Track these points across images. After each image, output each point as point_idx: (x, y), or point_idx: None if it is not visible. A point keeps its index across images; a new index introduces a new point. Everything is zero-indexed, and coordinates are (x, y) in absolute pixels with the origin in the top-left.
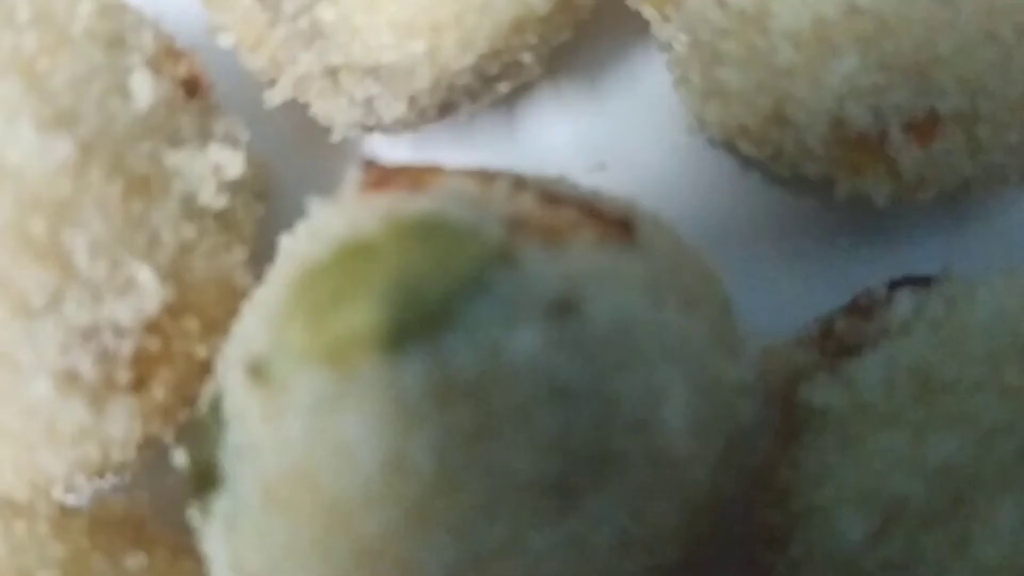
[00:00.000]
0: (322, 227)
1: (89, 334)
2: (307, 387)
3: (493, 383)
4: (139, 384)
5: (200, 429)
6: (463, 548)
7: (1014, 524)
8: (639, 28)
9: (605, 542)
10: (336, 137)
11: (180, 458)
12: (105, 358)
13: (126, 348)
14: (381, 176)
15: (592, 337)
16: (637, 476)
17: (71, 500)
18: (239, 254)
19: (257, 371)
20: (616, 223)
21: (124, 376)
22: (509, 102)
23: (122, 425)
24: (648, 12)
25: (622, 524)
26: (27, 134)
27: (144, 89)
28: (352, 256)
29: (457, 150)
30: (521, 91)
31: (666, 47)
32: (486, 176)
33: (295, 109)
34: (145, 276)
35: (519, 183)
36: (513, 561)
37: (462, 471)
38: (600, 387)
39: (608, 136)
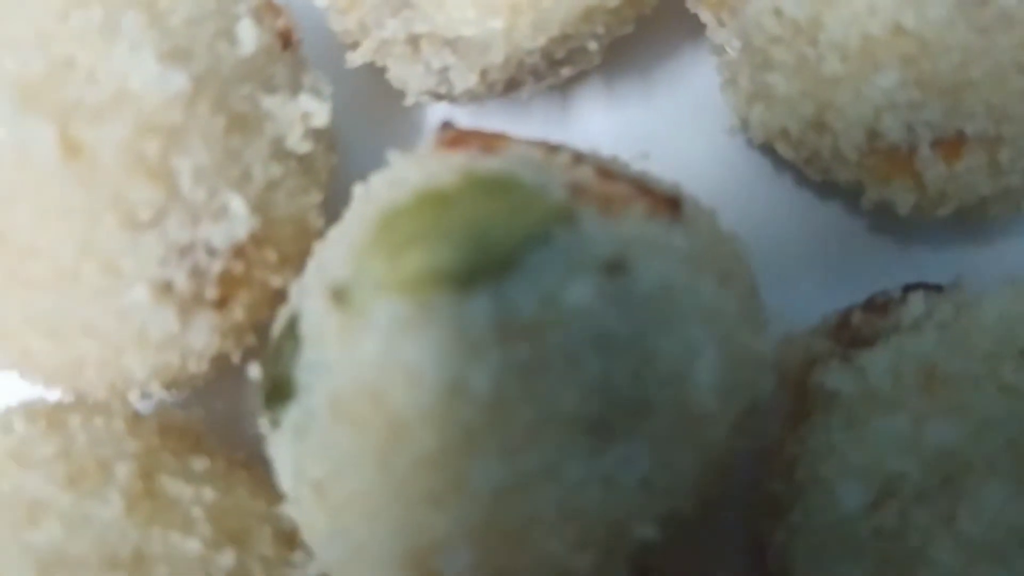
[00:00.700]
0: (402, 176)
1: (185, 251)
2: (383, 313)
3: (548, 326)
4: (222, 302)
5: (276, 347)
6: (508, 469)
7: (997, 505)
8: (694, 30)
9: (630, 482)
10: (408, 102)
11: (255, 372)
12: (197, 274)
13: (215, 268)
14: (457, 137)
15: (638, 296)
16: (665, 426)
17: (140, 407)
18: (315, 197)
19: (339, 296)
20: (665, 200)
21: (211, 293)
22: (564, 87)
23: (203, 338)
24: (705, 16)
25: (647, 468)
26: (149, 64)
27: (249, 36)
28: (430, 202)
29: (511, 126)
30: (577, 78)
31: (718, 50)
32: (550, 147)
33: (371, 72)
34: (237, 205)
35: (578, 157)
36: (550, 488)
37: (514, 401)
38: (640, 341)
39: (653, 128)
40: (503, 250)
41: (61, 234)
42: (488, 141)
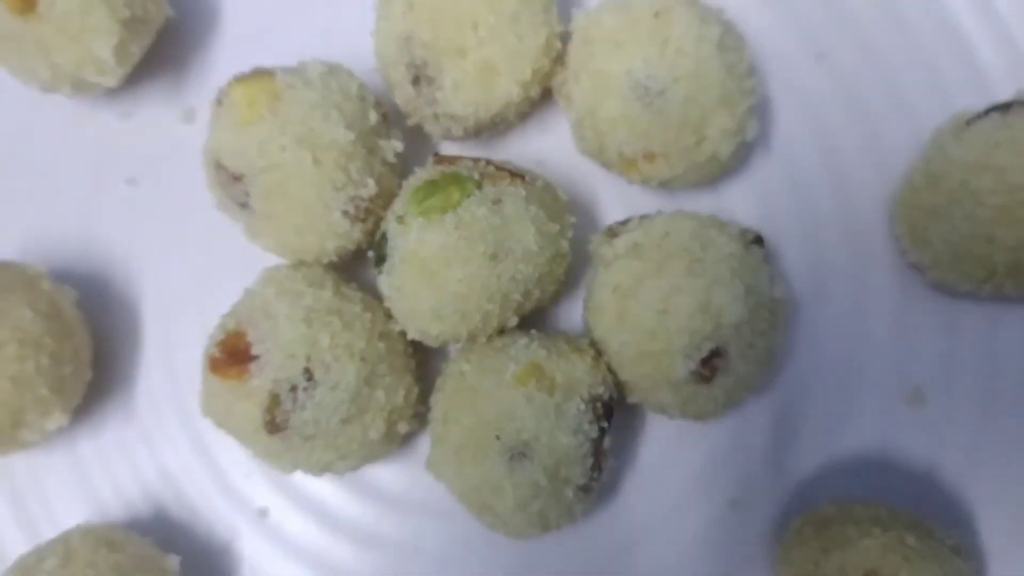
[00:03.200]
0: (419, 175)
1: (354, 198)
2: (415, 225)
3: (472, 223)
4: (364, 220)
5: (378, 241)
6: (463, 273)
7: (661, 288)
8: (559, 107)
9: (507, 276)
10: (434, 141)
11: (371, 255)
12: (357, 207)
13: (364, 205)
14: (439, 159)
15: (505, 213)
16: (519, 256)
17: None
18: (397, 180)
19: (400, 219)
20: (519, 175)
21: (361, 216)
22: (501, 134)
23: (357, 235)
24: (562, 103)
25: (514, 272)
26: (341, 130)
27: (375, 116)
28: (431, 183)
29: (476, 151)
30: (506, 130)
31: (568, 116)
32: (476, 159)
33: (417, 128)
34: (370, 182)
35: (488, 162)
36: (478, 279)
37: (461, 249)
38: (505, 228)
39: (543, 150)
40: (455, 200)
41: (311, 194)
42: (452, 160)
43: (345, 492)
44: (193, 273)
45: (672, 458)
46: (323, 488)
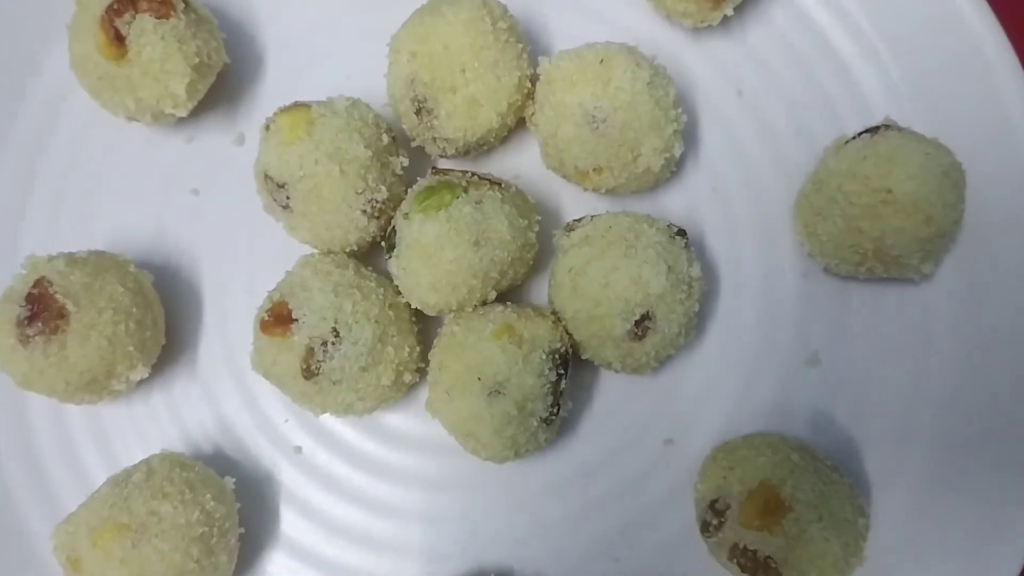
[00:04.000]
0: (422, 183)
1: (371, 200)
2: (417, 220)
3: (460, 218)
4: (379, 217)
5: (389, 233)
6: (453, 255)
7: (604, 267)
8: (530, 132)
9: (487, 258)
10: (433, 157)
11: (383, 243)
12: (374, 207)
13: (379, 206)
14: (436, 171)
15: (485, 210)
16: (497, 244)
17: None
18: (404, 187)
19: (406, 216)
20: (496, 183)
21: (376, 215)
22: (486, 152)
23: (373, 229)
24: (531, 128)
25: (493, 256)
26: (361, 148)
27: (387, 139)
28: (429, 189)
29: (465, 165)
30: (488, 149)
31: (536, 138)
32: (464, 171)
33: (420, 149)
34: (383, 188)
35: (473, 173)
36: (463, 261)
37: (453, 238)
38: (485, 222)
39: (518, 164)
40: (447, 201)
41: (338, 197)
42: (444, 172)
43: (362, 432)
44: (244, 261)
45: (618, 405)
46: (345, 429)
